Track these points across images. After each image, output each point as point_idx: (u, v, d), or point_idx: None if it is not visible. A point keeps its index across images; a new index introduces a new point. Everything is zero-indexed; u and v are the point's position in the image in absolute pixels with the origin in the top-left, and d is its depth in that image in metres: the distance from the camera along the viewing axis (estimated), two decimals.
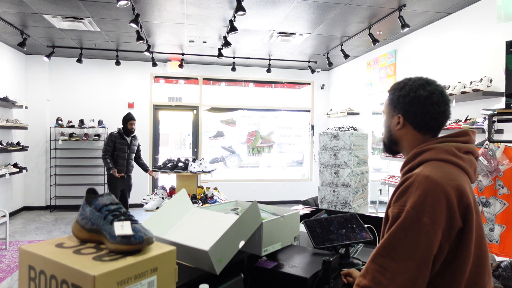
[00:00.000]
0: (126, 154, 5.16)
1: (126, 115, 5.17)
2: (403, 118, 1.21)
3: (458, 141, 1.16)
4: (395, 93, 1.23)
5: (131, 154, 5.24)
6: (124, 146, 5.13)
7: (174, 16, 4.78)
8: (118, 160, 5.12)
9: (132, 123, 5.13)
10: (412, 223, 1.01)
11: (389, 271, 1.00)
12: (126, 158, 5.16)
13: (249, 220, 1.31)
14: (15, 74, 6.63)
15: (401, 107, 1.21)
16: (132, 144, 5.23)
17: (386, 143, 1.31)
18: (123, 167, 5.14)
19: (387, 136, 1.30)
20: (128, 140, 5.17)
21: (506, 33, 3.61)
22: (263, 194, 7.83)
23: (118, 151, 5.08)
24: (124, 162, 5.16)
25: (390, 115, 1.26)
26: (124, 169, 5.16)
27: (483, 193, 2.73)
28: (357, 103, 6.83)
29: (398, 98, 1.22)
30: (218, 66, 7.76)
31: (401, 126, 1.22)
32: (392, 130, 1.26)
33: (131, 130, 5.14)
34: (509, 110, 2.68)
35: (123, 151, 5.12)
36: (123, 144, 5.11)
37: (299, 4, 4.31)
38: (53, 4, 4.37)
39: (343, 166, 4.52)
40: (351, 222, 1.67)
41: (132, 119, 5.16)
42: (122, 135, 5.11)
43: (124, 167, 5.16)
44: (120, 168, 5.11)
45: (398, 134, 1.24)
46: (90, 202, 0.97)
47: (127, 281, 0.80)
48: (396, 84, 1.26)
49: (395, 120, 1.24)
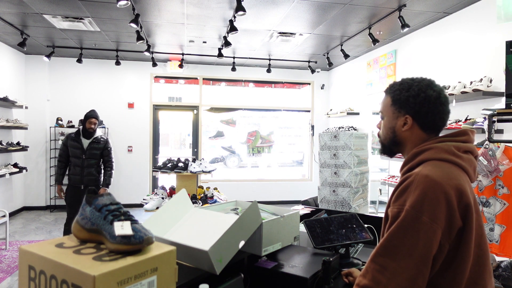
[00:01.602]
0: (81, 161, 4.19)
1: (88, 112, 4.25)
2: (412, 119, 1.19)
3: (457, 140, 1.16)
4: (401, 94, 1.21)
5: (90, 161, 4.22)
6: (77, 150, 4.19)
7: (174, 16, 4.78)
8: (72, 168, 4.25)
9: (91, 122, 4.19)
10: (412, 222, 1.01)
11: (388, 270, 1.00)
12: (80, 165, 4.19)
13: (249, 220, 1.31)
14: (15, 74, 6.63)
15: (410, 108, 1.19)
16: (91, 148, 4.23)
17: (387, 144, 1.29)
18: (76, 176, 4.19)
19: (389, 138, 1.27)
20: (83, 143, 4.21)
21: (506, 33, 3.60)
22: (263, 194, 7.83)
23: (72, 156, 4.21)
24: (78, 171, 4.20)
25: (395, 116, 1.23)
26: (78, 179, 4.19)
27: (483, 193, 2.73)
28: (357, 103, 6.83)
29: (407, 98, 1.19)
30: (218, 66, 7.76)
31: (409, 127, 1.20)
32: (397, 131, 1.23)
33: (89, 130, 4.21)
34: (509, 110, 2.68)
35: (76, 156, 4.20)
36: (76, 148, 4.19)
37: (299, 4, 4.31)
38: (53, 4, 4.37)
39: (343, 166, 4.52)
40: (351, 222, 1.67)
41: (93, 116, 4.21)
42: (78, 137, 4.21)
43: (78, 176, 4.19)
44: (73, 178, 4.21)
45: (404, 135, 1.22)
46: (90, 202, 0.97)
47: (127, 281, 0.80)
48: (399, 85, 1.23)
49: (401, 121, 1.21)
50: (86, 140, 4.22)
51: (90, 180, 4.22)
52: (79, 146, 4.19)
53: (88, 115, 4.22)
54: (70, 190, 4.22)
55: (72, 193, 4.19)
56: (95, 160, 4.25)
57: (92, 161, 4.22)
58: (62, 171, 4.28)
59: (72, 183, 4.22)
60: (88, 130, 4.21)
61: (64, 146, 4.25)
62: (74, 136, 4.21)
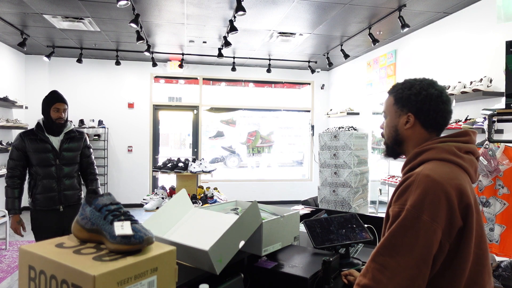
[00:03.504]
0: (55, 169, 2.71)
1: (48, 94, 2.77)
2: (414, 117, 1.20)
3: (458, 141, 1.16)
4: (404, 92, 1.22)
5: (68, 167, 2.78)
6: (45, 154, 2.69)
7: (174, 16, 4.78)
8: (40, 184, 2.68)
9: (59, 109, 2.70)
10: (412, 221, 1.01)
11: (389, 269, 1.01)
12: (55, 175, 2.71)
13: (249, 220, 1.31)
14: (15, 74, 6.63)
15: (412, 106, 1.20)
16: (66, 148, 2.77)
17: (390, 144, 1.29)
18: (51, 193, 2.69)
19: (392, 137, 1.27)
20: (53, 141, 2.74)
21: (506, 33, 3.60)
22: (263, 194, 7.83)
23: (37, 164, 2.68)
24: (52, 185, 2.70)
25: (397, 114, 1.24)
26: (53, 198, 2.70)
27: (483, 193, 2.73)
28: (357, 103, 6.83)
29: (409, 97, 1.21)
30: (218, 66, 7.76)
31: (411, 125, 1.21)
32: (400, 129, 1.24)
33: (58, 121, 2.72)
34: (509, 110, 2.67)
35: (45, 163, 2.68)
36: (43, 151, 2.68)
37: (299, 4, 4.31)
38: (53, 4, 4.37)
39: (343, 166, 4.52)
40: (351, 222, 1.67)
41: (58, 100, 2.71)
42: (42, 134, 2.71)
43: (53, 194, 2.70)
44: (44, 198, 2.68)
45: (406, 134, 1.23)
46: (90, 202, 0.97)
47: (127, 281, 0.80)
48: (401, 84, 1.25)
49: (403, 120, 1.22)
50: (55, 138, 2.76)
51: (72, 196, 2.80)
52: (47, 148, 2.69)
53: (50, 98, 2.72)
54: (40, 217, 2.71)
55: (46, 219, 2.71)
56: (75, 165, 2.84)
57: (70, 167, 2.79)
58: (18, 192, 2.70)
59: (41, 207, 2.69)
60: (55, 122, 2.71)
61: (19, 153, 2.67)
62: (35, 134, 2.70)
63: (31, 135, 2.71)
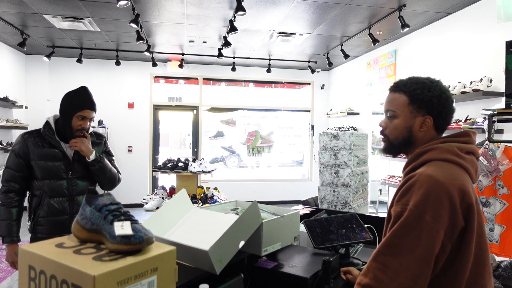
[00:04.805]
0: (66, 183, 2.05)
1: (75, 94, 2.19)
2: (433, 120, 1.17)
3: (460, 141, 1.16)
4: (423, 94, 1.16)
5: (82, 182, 2.11)
6: (56, 162, 2.03)
7: (174, 16, 4.78)
8: (45, 202, 2.01)
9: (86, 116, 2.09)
10: (414, 221, 1.01)
11: (390, 269, 1.00)
12: (67, 192, 2.05)
13: (249, 220, 1.31)
14: (15, 74, 6.63)
15: (433, 109, 1.16)
16: (81, 156, 2.07)
17: (396, 144, 1.23)
18: (61, 217, 2.03)
19: (402, 137, 1.21)
20: (65, 147, 2.08)
21: (506, 33, 3.60)
22: (263, 194, 7.83)
23: (43, 178, 2.03)
24: (64, 205, 2.03)
25: (412, 115, 1.18)
26: (63, 223, 2.02)
27: (483, 193, 2.73)
28: (357, 103, 6.83)
29: (430, 99, 1.16)
30: (218, 66, 7.76)
31: (427, 128, 1.18)
32: (414, 131, 1.19)
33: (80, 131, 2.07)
34: (509, 110, 2.67)
35: (54, 174, 2.03)
36: (53, 158, 2.03)
37: (299, 4, 4.31)
38: (53, 4, 4.36)
39: (343, 166, 4.52)
40: (351, 222, 1.67)
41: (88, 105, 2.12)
42: (51, 135, 2.06)
43: (64, 218, 2.03)
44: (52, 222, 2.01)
45: (419, 135, 1.19)
46: (90, 202, 0.97)
47: (127, 281, 0.80)
48: (415, 84, 1.19)
49: (419, 121, 1.18)
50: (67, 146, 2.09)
51: None
52: (57, 156, 2.04)
53: (78, 100, 2.13)
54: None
55: None
56: (92, 179, 2.16)
57: (86, 181, 2.13)
58: (16, 213, 2.01)
59: (45, 235, 2.00)
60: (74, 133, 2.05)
61: (19, 161, 2.03)
62: (42, 136, 2.06)
63: (37, 138, 2.05)
